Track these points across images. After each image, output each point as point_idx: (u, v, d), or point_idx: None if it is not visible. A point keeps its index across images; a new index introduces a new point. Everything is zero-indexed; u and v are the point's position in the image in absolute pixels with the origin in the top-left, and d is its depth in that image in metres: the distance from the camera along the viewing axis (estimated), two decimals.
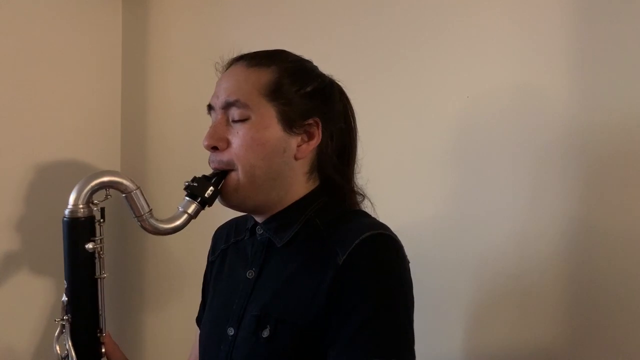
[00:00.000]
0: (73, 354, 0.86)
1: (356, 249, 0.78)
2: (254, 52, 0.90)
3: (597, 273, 1.05)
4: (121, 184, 0.84)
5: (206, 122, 0.89)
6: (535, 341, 1.12)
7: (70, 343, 0.86)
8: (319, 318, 0.79)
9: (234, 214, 0.96)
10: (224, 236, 1.03)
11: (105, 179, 0.84)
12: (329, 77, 0.93)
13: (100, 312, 0.89)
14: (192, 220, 0.86)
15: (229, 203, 0.87)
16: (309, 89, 0.87)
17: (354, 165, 0.95)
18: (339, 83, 0.95)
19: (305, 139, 0.87)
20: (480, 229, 1.19)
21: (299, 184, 0.89)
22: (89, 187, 0.84)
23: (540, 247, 1.11)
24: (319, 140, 0.88)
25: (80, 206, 0.84)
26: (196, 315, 1.08)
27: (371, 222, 0.86)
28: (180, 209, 0.85)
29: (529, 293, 1.12)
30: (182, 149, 1.76)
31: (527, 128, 1.13)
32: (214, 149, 0.86)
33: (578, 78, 1.07)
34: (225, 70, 0.90)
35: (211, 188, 0.84)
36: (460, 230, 1.22)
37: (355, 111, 0.97)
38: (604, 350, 1.04)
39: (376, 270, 0.79)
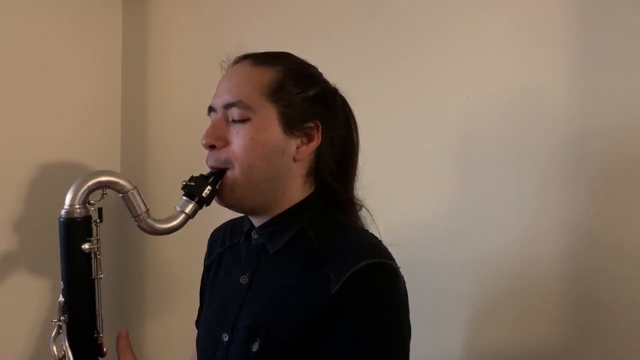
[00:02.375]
0: (70, 355, 0.85)
1: (350, 280, 0.76)
2: (261, 52, 0.90)
3: (598, 275, 1.05)
4: (118, 183, 0.83)
5: (206, 122, 0.89)
6: (536, 342, 1.11)
7: (67, 344, 0.85)
8: (310, 339, 0.77)
9: (231, 214, 0.96)
10: (219, 240, 1.02)
11: (102, 178, 0.83)
12: (332, 86, 0.92)
13: (97, 313, 0.88)
14: (190, 220, 0.86)
15: (225, 202, 0.86)
16: (311, 92, 0.87)
17: (354, 176, 0.94)
18: (344, 93, 0.94)
19: (305, 141, 0.86)
20: (481, 230, 1.18)
21: (296, 187, 0.88)
22: (85, 187, 0.83)
23: (542, 249, 1.10)
24: (319, 143, 0.87)
25: (77, 206, 0.83)
26: (195, 318, 1.08)
27: (366, 243, 0.83)
28: (178, 209, 0.84)
29: (530, 295, 1.12)
30: (182, 149, 1.75)
31: (528, 129, 1.12)
32: (212, 147, 0.85)
33: (579, 79, 1.07)
34: (230, 68, 0.90)
35: (209, 187, 0.83)
36: (461, 231, 1.21)
37: (357, 118, 0.96)
38: (604, 352, 1.04)
39: (370, 305, 0.77)
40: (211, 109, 0.88)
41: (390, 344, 0.77)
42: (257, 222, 0.90)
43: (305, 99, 0.86)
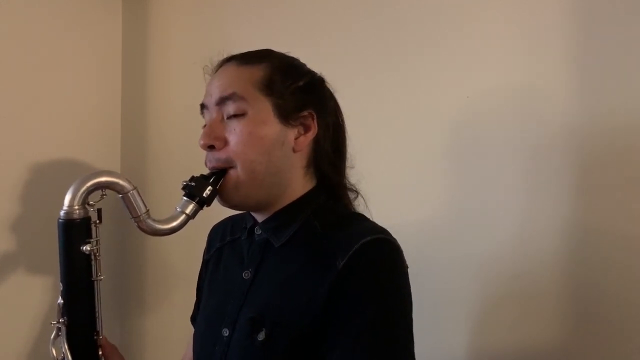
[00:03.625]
0: (69, 357, 0.84)
1: (356, 253, 0.77)
2: (243, 53, 0.91)
3: (595, 272, 1.04)
4: (117, 184, 0.83)
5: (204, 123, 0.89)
6: (535, 341, 1.11)
7: (66, 346, 0.85)
8: (316, 322, 0.77)
9: (232, 213, 0.95)
10: (219, 235, 1.02)
11: (101, 179, 0.83)
12: (318, 74, 0.93)
13: (97, 315, 0.87)
14: (191, 221, 0.85)
15: (229, 203, 0.86)
16: (301, 83, 0.87)
17: (345, 162, 0.95)
18: (331, 82, 0.95)
19: (302, 131, 0.87)
20: (479, 228, 1.18)
21: (297, 179, 0.88)
22: (84, 187, 0.82)
23: (539, 247, 1.10)
24: (316, 132, 0.87)
25: (76, 207, 0.82)
26: (191, 314, 1.08)
27: (371, 226, 0.85)
28: (178, 210, 0.84)
29: (528, 292, 1.12)
30: (182, 149, 1.75)
31: (527, 128, 1.12)
32: (211, 148, 0.85)
33: (578, 79, 1.07)
34: (215, 72, 0.90)
35: (209, 188, 0.83)
36: (458, 230, 1.21)
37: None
38: (604, 350, 1.04)
39: (376, 276, 0.78)
40: (203, 107, 0.88)
41: (395, 312, 0.78)
42: (260, 217, 0.90)
43: (296, 89, 0.86)
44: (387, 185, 1.29)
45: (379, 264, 0.78)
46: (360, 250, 0.77)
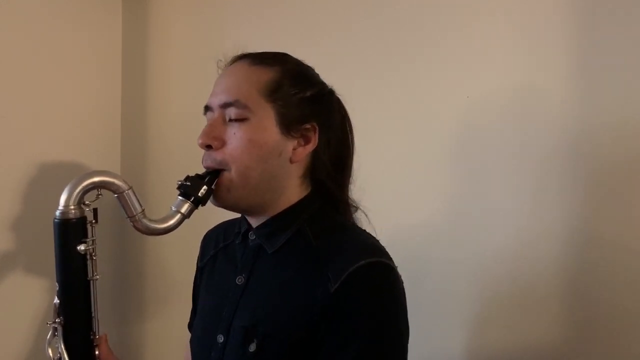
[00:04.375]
0: (66, 357, 0.84)
1: (349, 278, 0.76)
2: (258, 52, 0.90)
3: (596, 275, 1.04)
4: (113, 184, 0.83)
5: (205, 122, 0.88)
6: (535, 343, 1.11)
7: (62, 346, 0.84)
8: (307, 339, 0.77)
9: (229, 214, 0.95)
10: (213, 241, 1.02)
11: (97, 179, 0.83)
12: (329, 87, 0.92)
13: (93, 315, 0.87)
14: (188, 222, 0.85)
15: (221, 203, 0.85)
16: (308, 93, 0.86)
17: (348, 177, 0.93)
18: (339, 94, 0.94)
19: (302, 142, 0.86)
20: (480, 231, 1.17)
21: (292, 188, 0.87)
22: (80, 187, 0.82)
23: (541, 249, 1.10)
24: (315, 145, 0.86)
25: (72, 207, 0.82)
26: (188, 320, 1.07)
27: (365, 243, 0.83)
28: (173, 209, 0.83)
29: (529, 295, 1.11)
30: (182, 149, 1.75)
31: (528, 129, 1.12)
32: (209, 147, 0.84)
33: (579, 79, 1.06)
34: (228, 67, 0.89)
35: (204, 187, 0.83)
36: (460, 232, 1.20)
37: (354, 115, 0.95)
38: (603, 352, 1.03)
39: (370, 304, 0.77)
40: (207, 108, 0.87)
41: (388, 343, 0.77)
42: (254, 222, 0.90)
43: (302, 99, 0.85)
44: (386, 186, 1.28)
45: (372, 291, 0.77)
46: (355, 275, 0.76)
